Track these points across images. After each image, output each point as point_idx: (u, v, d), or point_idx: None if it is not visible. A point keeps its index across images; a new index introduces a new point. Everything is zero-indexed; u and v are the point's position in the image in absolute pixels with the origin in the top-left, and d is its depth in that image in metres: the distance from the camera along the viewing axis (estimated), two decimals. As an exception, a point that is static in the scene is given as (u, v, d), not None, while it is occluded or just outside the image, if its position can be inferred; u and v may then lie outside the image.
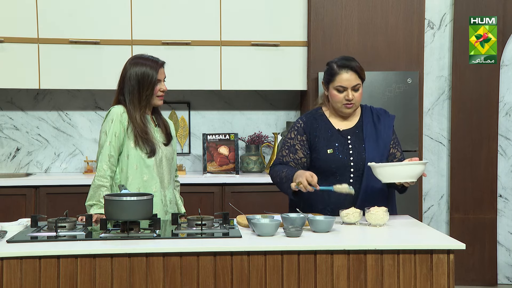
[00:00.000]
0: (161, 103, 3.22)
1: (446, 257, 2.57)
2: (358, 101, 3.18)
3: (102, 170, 3.12)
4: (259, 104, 5.49)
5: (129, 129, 3.13)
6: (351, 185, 3.08)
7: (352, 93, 3.13)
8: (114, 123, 3.12)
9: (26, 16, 4.86)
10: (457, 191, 5.38)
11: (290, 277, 2.54)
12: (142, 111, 3.15)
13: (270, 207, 4.43)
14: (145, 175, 3.16)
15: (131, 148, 3.14)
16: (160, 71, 3.18)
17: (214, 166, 5.14)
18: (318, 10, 5.00)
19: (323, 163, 3.15)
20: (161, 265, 2.50)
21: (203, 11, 5.01)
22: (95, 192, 3.09)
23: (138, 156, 3.14)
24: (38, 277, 2.46)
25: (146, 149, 3.14)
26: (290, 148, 3.21)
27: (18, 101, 5.28)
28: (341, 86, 3.13)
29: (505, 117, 5.47)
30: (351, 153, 3.17)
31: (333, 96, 3.17)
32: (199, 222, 2.80)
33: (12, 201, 4.69)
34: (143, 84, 3.13)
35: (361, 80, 3.17)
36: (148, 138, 3.14)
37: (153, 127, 3.22)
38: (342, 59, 3.20)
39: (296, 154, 3.20)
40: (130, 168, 3.14)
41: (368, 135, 3.20)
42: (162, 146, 3.23)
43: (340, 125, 3.23)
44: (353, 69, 3.14)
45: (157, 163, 3.19)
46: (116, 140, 3.12)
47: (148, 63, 3.16)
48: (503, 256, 5.47)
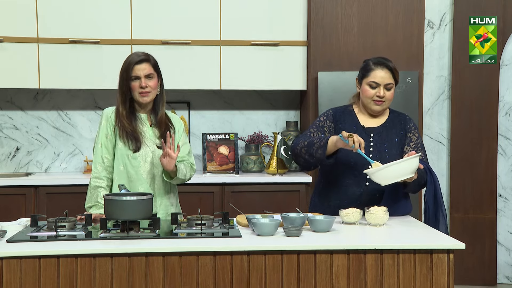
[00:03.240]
0: (144, 100, 3.16)
1: (446, 256, 2.57)
2: (388, 100, 3.24)
3: (97, 172, 3.13)
4: (259, 103, 5.49)
5: (115, 129, 3.15)
6: (367, 182, 3.16)
7: (384, 90, 3.20)
8: (104, 124, 3.17)
9: (26, 15, 4.86)
10: (457, 190, 5.38)
11: (290, 277, 2.54)
12: (127, 105, 3.16)
13: (270, 207, 4.44)
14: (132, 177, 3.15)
15: (118, 149, 3.16)
16: (136, 68, 3.13)
17: (214, 166, 5.14)
18: (318, 10, 5.00)
19: (343, 156, 3.18)
20: (161, 265, 2.50)
21: (203, 11, 5.01)
22: (93, 194, 3.10)
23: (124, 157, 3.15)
24: (38, 277, 2.46)
25: (129, 144, 3.14)
26: (318, 127, 3.28)
27: (18, 101, 5.28)
28: (374, 82, 3.20)
29: (505, 116, 5.47)
30: (372, 150, 3.21)
31: (365, 91, 3.23)
32: (199, 222, 2.80)
33: (12, 200, 4.69)
34: (121, 79, 3.16)
35: (395, 81, 3.23)
36: (132, 132, 3.13)
37: (147, 126, 3.21)
38: (379, 57, 3.29)
39: (324, 134, 3.25)
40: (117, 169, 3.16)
41: (391, 137, 3.25)
42: (155, 148, 3.20)
43: (367, 122, 3.28)
44: (388, 67, 3.22)
45: (146, 164, 3.17)
46: (107, 141, 3.15)
47: (127, 59, 3.18)
48: (502, 255, 5.47)
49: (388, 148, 3.22)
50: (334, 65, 4.99)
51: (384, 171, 2.96)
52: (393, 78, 3.22)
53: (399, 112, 3.37)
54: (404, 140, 3.28)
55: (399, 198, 3.23)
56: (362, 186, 3.19)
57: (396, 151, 3.23)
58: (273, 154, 5.08)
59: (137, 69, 3.14)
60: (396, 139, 3.26)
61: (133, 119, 3.17)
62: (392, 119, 3.31)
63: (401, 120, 3.32)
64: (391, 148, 3.23)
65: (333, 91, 4.84)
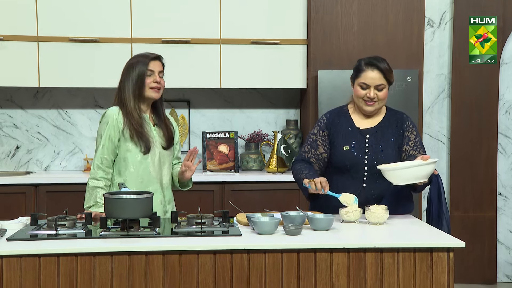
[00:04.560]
0: (156, 95, 3.20)
1: (446, 255, 2.58)
2: (381, 100, 3.22)
3: (95, 172, 3.13)
4: (259, 102, 5.48)
5: (124, 130, 3.13)
6: (364, 184, 3.15)
7: (375, 92, 3.19)
8: (109, 125, 3.14)
9: (26, 14, 4.86)
10: (457, 189, 5.38)
11: (290, 275, 2.54)
12: (135, 101, 3.16)
13: (270, 205, 4.44)
14: (143, 178, 3.16)
15: (127, 150, 3.14)
16: (152, 63, 3.19)
17: (214, 164, 5.14)
18: (318, 8, 4.99)
19: (338, 159, 3.19)
20: (161, 263, 2.50)
21: (203, 9, 5.01)
22: (91, 194, 3.09)
23: (134, 158, 3.14)
24: (38, 275, 2.46)
25: (140, 145, 3.14)
26: (312, 144, 3.29)
27: (17, 99, 5.28)
28: (364, 83, 3.19)
29: (505, 115, 5.47)
30: (367, 151, 3.20)
31: (356, 92, 3.23)
32: (199, 220, 2.81)
33: (12, 199, 4.69)
34: (134, 76, 3.16)
35: (387, 82, 3.21)
36: (142, 133, 3.14)
37: (151, 126, 3.22)
38: (371, 57, 3.26)
39: (317, 150, 3.26)
40: (128, 171, 3.15)
41: (387, 137, 3.23)
42: (160, 148, 3.22)
43: (361, 124, 3.27)
44: (379, 68, 3.19)
45: (155, 164, 3.19)
46: (110, 143, 3.14)
47: (140, 57, 3.22)
48: (502, 254, 5.47)
49: (384, 149, 3.21)
50: (334, 63, 4.99)
51: (399, 172, 2.97)
52: (385, 79, 3.19)
53: (396, 111, 3.36)
54: (401, 139, 3.26)
55: (401, 197, 3.23)
56: (359, 187, 3.19)
57: (392, 151, 3.22)
58: (273, 153, 5.08)
59: (152, 64, 3.19)
60: (392, 139, 3.25)
61: (142, 117, 3.18)
62: (388, 118, 3.29)
63: (397, 119, 3.30)
64: (386, 148, 3.22)
65: (333, 89, 4.83)
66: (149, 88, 3.17)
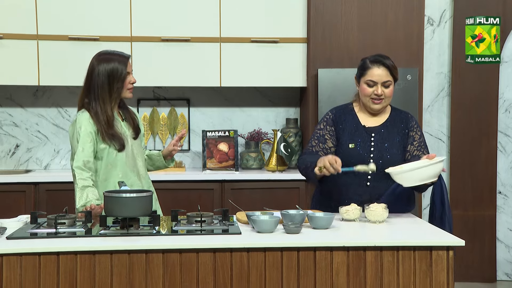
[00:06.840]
0: (131, 95, 3.29)
1: (446, 253, 2.58)
2: (387, 98, 3.23)
3: (80, 173, 3.11)
4: (258, 100, 5.48)
5: (98, 133, 3.18)
6: (368, 182, 3.15)
7: (382, 89, 3.19)
8: (85, 129, 3.15)
9: (26, 12, 4.85)
10: (457, 188, 5.38)
11: (290, 274, 2.54)
12: (113, 104, 3.21)
13: (269, 204, 4.44)
14: (120, 173, 3.21)
15: (101, 149, 3.18)
16: (128, 64, 3.24)
17: (214, 163, 5.14)
18: (317, 7, 4.99)
19: (343, 157, 3.17)
20: (160, 262, 2.50)
21: (202, 8, 5.00)
22: (82, 194, 3.06)
23: (109, 156, 3.19)
24: (38, 274, 2.46)
25: (114, 145, 3.19)
26: (319, 138, 3.28)
27: (17, 98, 5.28)
28: (371, 81, 3.19)
29: (505, 113, 5.47)
30: (372, 150, 3.21)
31: (363, 90, 3.23)
32: (199, 219, 2.81)
33: (12, 197, 4.69)
34: (113, 78, 3.19)
35: (393, 79, 3.22)
36: (115, 133, 3.19)
37: (120, 122, 3.27)
38: (376, 55, 3.26)
39: (326, 144, 3.26)
40: (105, 168, 3.20)
41: (392, 136, 3.24)
42: (131, 140, 3.28)
43: (367, 122, 3.27)
44: (385, 65, 3.20)
45: (129, 157, 3.24)
46: (89, 146, 3.15)
47: (115, 57, 3.23)
48: (502, 252, 5.48)
49: (389, 148, 3.22)
50: (334, 62, 4.99)
51: (409, 173, 2.96)
52: (391, 75, 3.21)
53: (400, 110, 3.36)
54: (406, 139, 3.27)
55: (404, 196, 3.23)
56: (363, 185, 3.19)
57: (397, 151, 3.23)
58: (273, 151, 5.08)
59: (129, 65, 3.26)
60: (397, 139, 3.25)
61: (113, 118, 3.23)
62: (393, 117, 3.30)
63: (402, 119, 3.31)
64: (392, 148, 3.22)
65: (333, 88, 4.83)
66: (127, 90, 3.25)
